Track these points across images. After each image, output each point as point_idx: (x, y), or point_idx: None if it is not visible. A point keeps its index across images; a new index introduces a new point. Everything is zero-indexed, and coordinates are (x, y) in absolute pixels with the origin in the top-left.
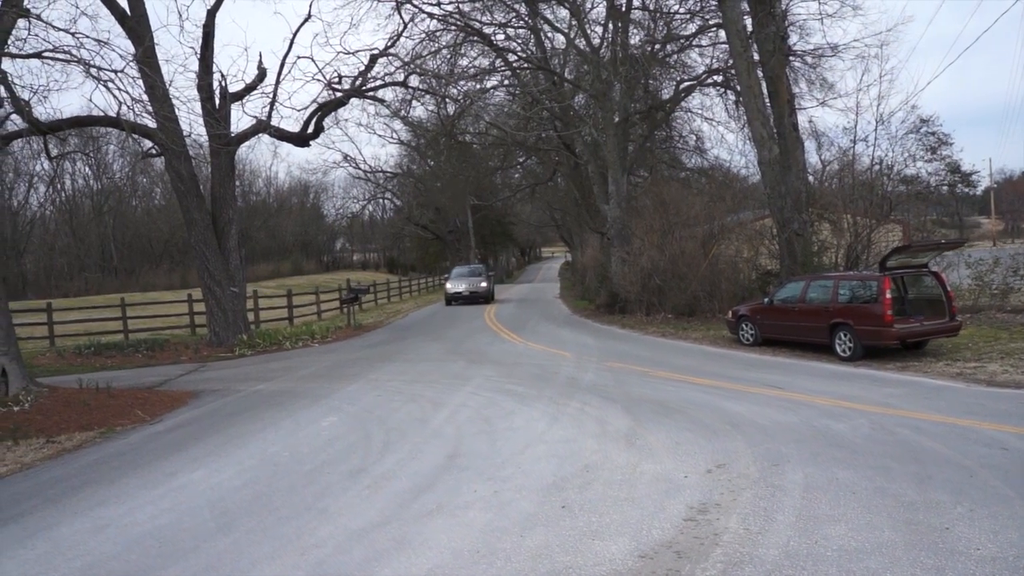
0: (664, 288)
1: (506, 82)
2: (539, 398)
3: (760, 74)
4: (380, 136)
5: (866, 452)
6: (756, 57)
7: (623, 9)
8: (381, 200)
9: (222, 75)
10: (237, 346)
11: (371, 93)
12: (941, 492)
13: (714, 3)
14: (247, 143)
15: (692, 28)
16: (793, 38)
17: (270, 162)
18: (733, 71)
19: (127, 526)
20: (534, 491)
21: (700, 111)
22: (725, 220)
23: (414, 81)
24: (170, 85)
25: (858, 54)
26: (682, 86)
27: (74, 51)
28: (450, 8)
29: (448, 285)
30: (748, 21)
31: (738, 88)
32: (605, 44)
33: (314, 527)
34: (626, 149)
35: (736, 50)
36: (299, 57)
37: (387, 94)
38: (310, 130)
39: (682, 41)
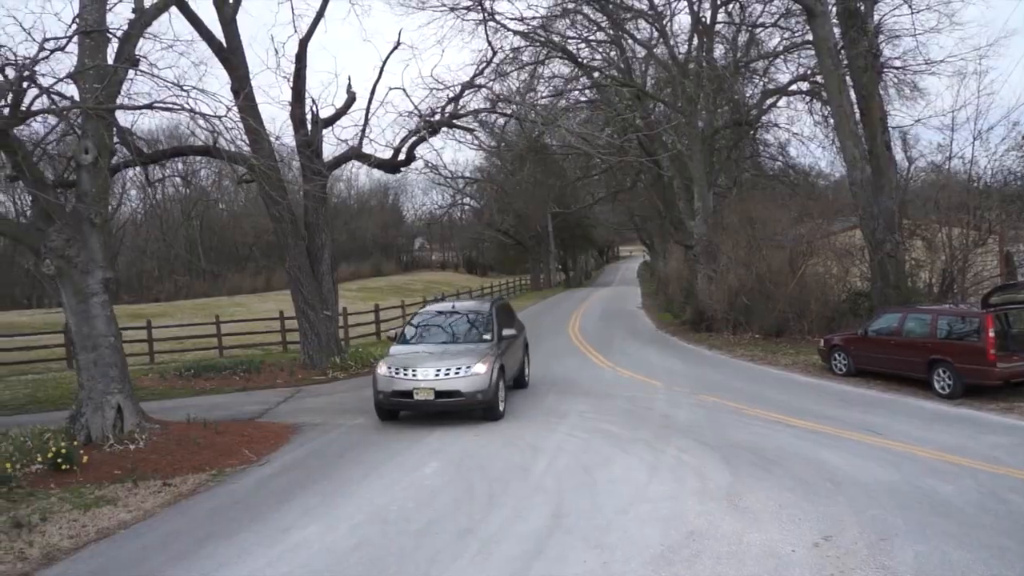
0: (751, 307)
1: (587, 93)
2: (635, 441)
3: (851, 90)
4: (460, 142)
5: (977, 525)
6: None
7: (708, 23)
8: (460, 203)
9: (313, 101)
10: (330, 368)
11: (460, 122)
12: None
13: (798, 13)
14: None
15: (777, 38)
16: (886, 52)
17: (350, 164)
18: (820, 79)
19: None
20: (643, 563)
21: (787, 126)
22: (814, 237)
23: (502, 106)
24: (260, 106)
25: (956, 70)
26: (768, 99)
27: (180, 99)
28: (535, 24)
29: (382, 371)
30: (836, 32)
31: (825, 96)
32: (690, 58)
33: None
34: (712, 164)
35: (827, 68)
36: (390, 88)
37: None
38: (401, 157)
39: (770, 59)
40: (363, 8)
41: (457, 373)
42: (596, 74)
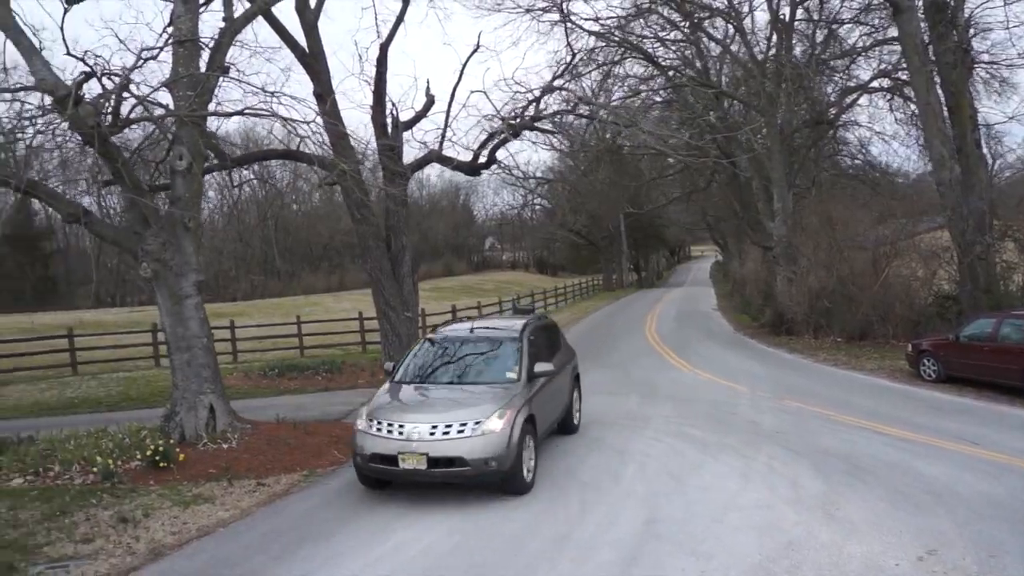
0: (833, 310)
1: (662, 93)
2: (722, 447)
3: (938, 87)
4: (534, 143)
5: None
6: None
7: (787, 20)
8: (532, 204)
9: (393, 104)
10: None
11: (541, 124)
12: None
13: (880, 8)
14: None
15: (856, 34)
16: (975, 46)
17: None
18: (903, 75)
19: None
20: (742, 573)
21: (869, 124)
22: (897, 238)
23: (582, 108)
24: (342, 110)
25: None
26: (847, 96)
27: (267, 104)
28: (610, 24)
29: (361, 423)
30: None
31: (908, 93)
32: (768, 57)
33: None
34: (791, 165)
35: (914, 65)
36: (472, 92)
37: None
38: (482, 159)
39: (851, 56)
40: (445, 12)
41: (461, 431)
42: (672, 74)
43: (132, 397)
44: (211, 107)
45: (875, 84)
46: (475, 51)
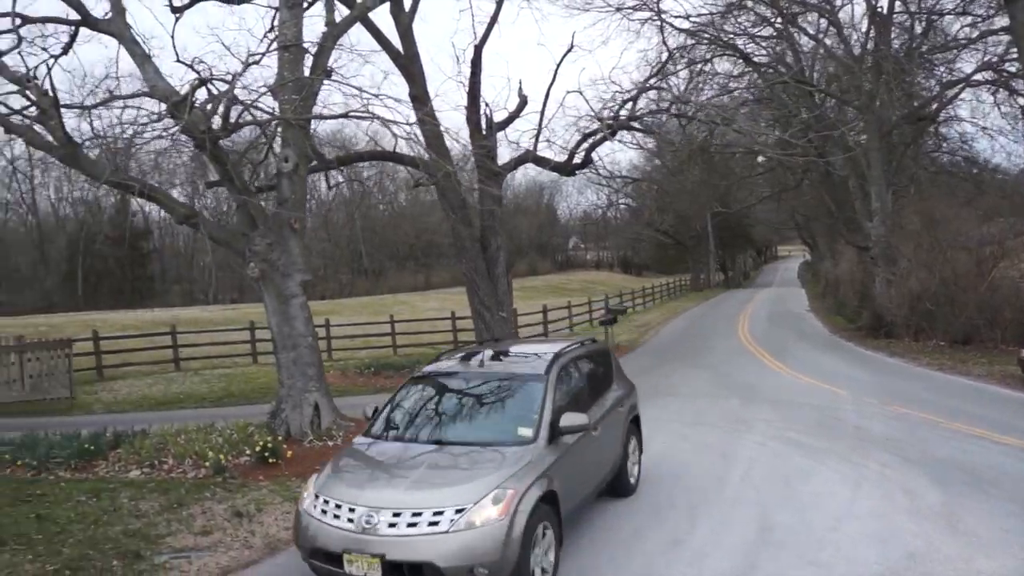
0: (935, 313)
1: (753, 91)
2: (830, 453)
3: None
4: (621, 142)
5: None
6: None
7: (885, 12)
8: (617, 203)
9: (487, 105)
10: None
11: (637, 124)
12: None
13: None
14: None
15: (957, 25)
16: None
17: None
18: (1010, 67)
19: None
20: None
21: (973, 119)
22: (1005, 237)
23: (676, 108)
24: (439, 114)
25: None
26: (948, 90)
27: (367, 106)
28: (700, 21)
29: (306, 502)
30: None
31: (1016, 86)
32: (865, 51)
33: None
34: (889, 162)
35: None
36: (568, 92)
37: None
38: (577, 159)
39: (955, 48)
40: (541, 13)
41: (436, 522)
42: (765, 70)
43: (233, 393)
44: (315, 110)
45: (978, 77)
46: (569, 51)
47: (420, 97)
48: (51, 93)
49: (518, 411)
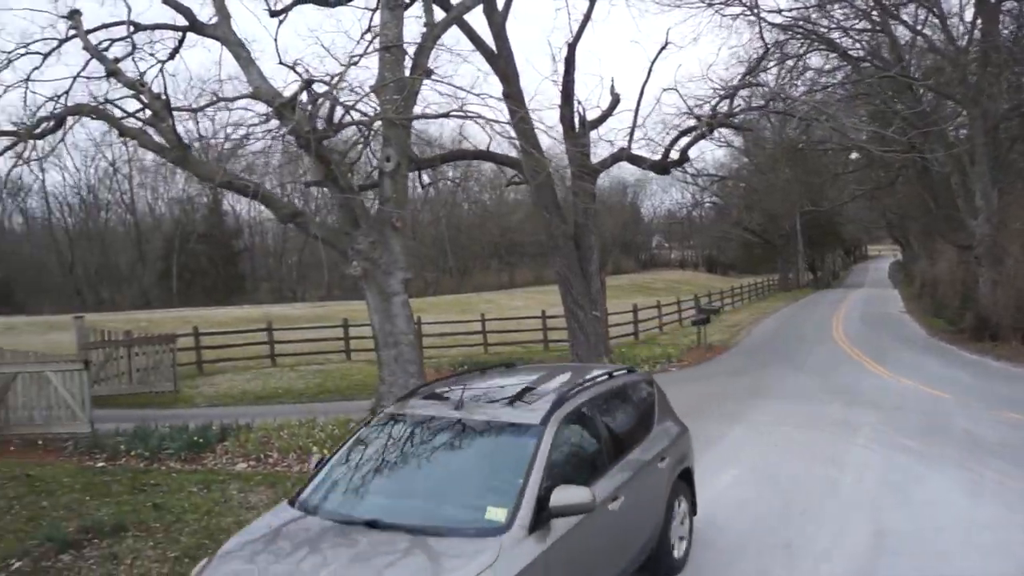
0: None
1: (848, 85)
2: (942, 459)
3: None
4: (710, 140)
5: None
6: None
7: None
8: (703, 202)
9: (579, 103)
10: None
11: (734, 121)
12: None
13: None
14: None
15: None
16: None
17: None
18: None
19: None
20: None
21: None
22: None
23: (774, 104)
24: (532, 112)
25: None
26: None
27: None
28: (793, 15)
29: None
30: None
31: None
32: (972, 41)
33: None
34: (996, 158)
35: None
36: (664, 89)
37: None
38: (672, 157)
39: None
40: (638, 11)
41: None
42: (862, 65)
43: (329, 389)
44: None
45: None
46: (663, 48)
47: (514, 96)
48: (163, 96)
49: (493, 480)
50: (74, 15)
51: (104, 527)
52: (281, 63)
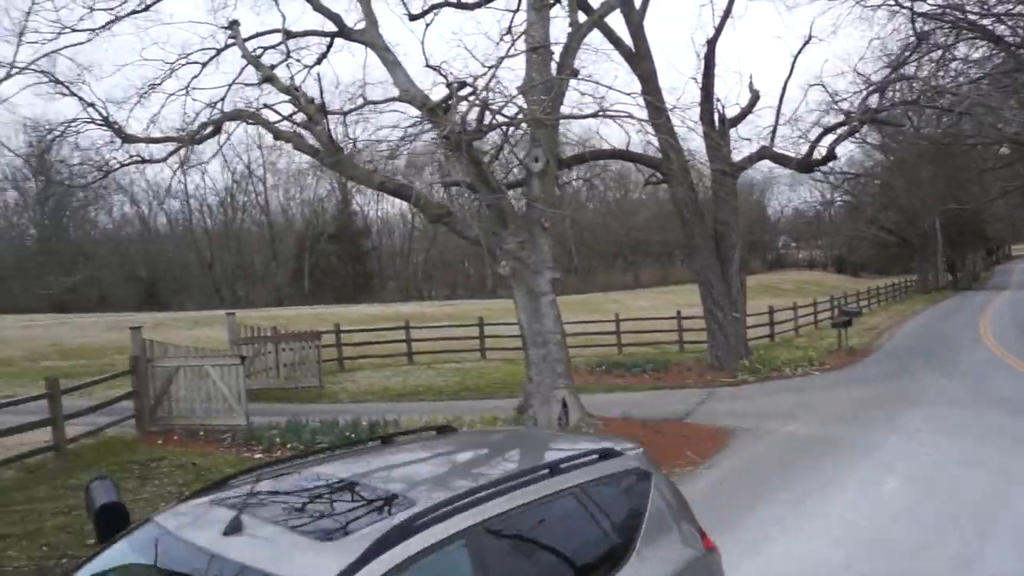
0: None
1: (999, 74)
2: None
3: None
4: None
5: None
6: None
7: None
8: (834, 200)
9: (718, 101)
10: (738, 371)
11: (885, 116)
12: None
13: None
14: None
15: None
16: None
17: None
18: None
19: None
20: None
21: None
22: None
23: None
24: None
25: None
26: None
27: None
28: (940, 3)
29: None
30: None
31: None
32: None
33: None
34: None
35: None
36: (810, 85)
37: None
38: (817, 155)
39: None
40: (784, 5)
41: None
42: (1021, 52)
43: (468, 387)
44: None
45: None
46: (807, 42)
47: (652, 94)
48: (317, 100)
49: None
50: (233, 25)
51: None
52: (428, 66)
